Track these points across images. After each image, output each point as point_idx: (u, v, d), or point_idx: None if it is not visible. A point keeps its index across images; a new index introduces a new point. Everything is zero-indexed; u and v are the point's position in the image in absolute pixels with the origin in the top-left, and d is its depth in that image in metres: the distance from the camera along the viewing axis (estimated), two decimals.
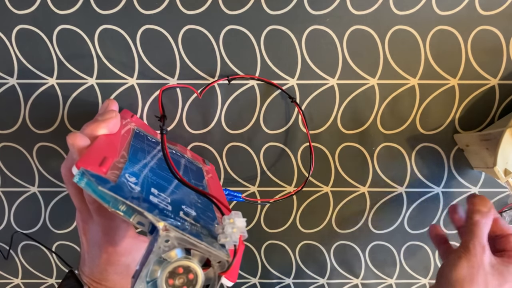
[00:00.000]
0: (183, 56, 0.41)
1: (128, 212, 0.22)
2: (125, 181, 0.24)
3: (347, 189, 0.45)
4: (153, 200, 0.24)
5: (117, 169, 0.26)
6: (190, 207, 0.27)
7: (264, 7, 0.40)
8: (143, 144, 0.34)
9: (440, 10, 0.40)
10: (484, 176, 0.44)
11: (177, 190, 0.29)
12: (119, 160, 0.27)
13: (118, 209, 0.22)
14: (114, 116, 0.31)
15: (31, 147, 0.43)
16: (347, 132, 0.43)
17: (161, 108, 0.29)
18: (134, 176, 0.26)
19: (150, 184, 0.27)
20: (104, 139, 0.29)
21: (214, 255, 0.22)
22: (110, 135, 0.30)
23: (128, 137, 0.33)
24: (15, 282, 0.48)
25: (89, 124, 0.29)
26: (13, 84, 0.41)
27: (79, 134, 0.27)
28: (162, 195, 0.26)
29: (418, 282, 0.48)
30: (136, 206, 0.22)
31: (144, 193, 0.24)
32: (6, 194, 0.45)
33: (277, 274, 0.48)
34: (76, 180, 0.22)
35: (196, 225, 0.24)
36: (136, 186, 0.25)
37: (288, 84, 0.42)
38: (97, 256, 0.30)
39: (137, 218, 0.22)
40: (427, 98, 0.42)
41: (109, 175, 0.24)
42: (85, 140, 0.27)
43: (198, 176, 0.36)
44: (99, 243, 0.30)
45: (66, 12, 0.40)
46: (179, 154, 0.38)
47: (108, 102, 0.36)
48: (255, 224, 0.46)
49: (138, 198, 0.23)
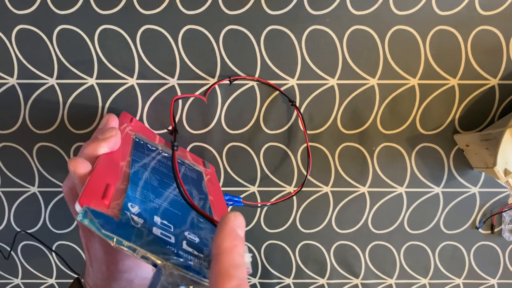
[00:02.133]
0: (183, 56, 0.41)
1: (132, 248, 0.22)
2: (128, 215, 0.24)
3: (347, 189, 0.45)
4: (155, 232, 0.24)
5: (120, 197, 0.26)
6: (193, 233, 0.27)
7: (264, 7, 0.40)
8: (143, 156, 0.34)
9: (440, 10, 0.40)
10: (484, 176, 0.44)
11: (180, 212, 0.29)
12: (121, 184, 0.27)
13: (122, 245, 0.22)
14: (114, 134, 0.30)
15: (31, 147, 0.43)
16: (347, 132, 0.43)
17: (173, 122, 0.28)
18: (137, 203, 0.26)
19: (153, 211, 0.27)
20: (105, 160, 0.29)
21: None
22: (111, 153, 0.30)
23: (129, 150, 0.33)
24: (15, 282, 0.48)
25: (90, 143, 0.29)
26: (13, 84, 0.41)
27: (80, 160, 0.27)
28: (165, 223, 0.26)
29: (418, 282, 0.48)
30: (138, 248, 0.22)
31: (147, 226, 0.24)
32: (6, 194, 0.45)
33: (277, 274, 0.48)
34: (79, 218, 0.22)
35: (200, 256, 0.24)
36: (139, 219, 0.25)
37: (288, 84, 0.42)
38: (100, 271, 0.30)
39: (141, 253, 0.22)
40: (427, 98, 0.42)
41: (112, 209, 0.24)
42: (87, 166, 0.27)
43: (200, 186, 0.36)
44: (101, 260, 0.29)
45: (66, 12, 0.40)
46: (179, 161, 0.38)
47: (107, 118, 0.35)
48: (255, 224, 0.46)
49: (141, 234, 0.23)
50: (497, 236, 0.46)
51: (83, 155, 0.29)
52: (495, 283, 0.47)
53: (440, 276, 0.47)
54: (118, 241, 0.22)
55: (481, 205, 0.45)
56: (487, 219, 0.45)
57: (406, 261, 0.47)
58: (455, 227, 0.46)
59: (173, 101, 0.31)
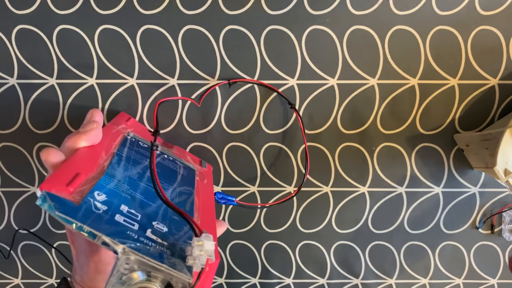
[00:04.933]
0: (183, 56, 0.41)
1: (91, 234, 0.22)
2: (91, 201, 0.24)
3: (347, 189, 0.45)
4: (118, 219, 0.24)
5: (89, 185, 0.26)
6: (163, 223, 0.27)
7: (264, 7, 0.40)
8: (131, 152, 0.34)
9: (440, 10, 0.40)
10: (484, 176, 0.44)
11: (154, 204, 0.29)
12: (95, 175, 0.27)
13: (82, 230, 0.22)
14: (95, 127, 0.31)
15: (31, 147, 0.43)
16: (347, 132, 0.43)
17: (156, 123, 0.29)
18: (105, 192, 0.26)
19: (123, 200, 0.27)
20: (84, 152, 0.29)
21: (175, 277, 0.22)
22: (92, 146, 0.30)
23: (114, 146, 0.33)
24: (15, 282, 0.48)
25: (70, 137, 0.30)
26: (13, 84, 0.41)
27: (52, 149, 0.27)
28: (132, 212, 0.26)
29: (418, 282, 0.48)
30: (93, 230, 0.22)
31: (110, 213, 0.24)
32: (6, 194, 0.45)
33: (277, 274, 0.48)
34: (38, 203, 0.22)
35: (163, 244, 0.24)
36: (103, 206, 0.25)
37: (288, 84, 0.42)
38: (86, 265, 0.30)
39: (101, 239, 0.22)
40: (427, 98, 0.42)
41: (75, 194, 0.24)
42: (58, 156, 0.28)
43: (188, 182, 0.36)
44: (85, 253, 0.30)
45: (66, 12, 0.40)
46: (171, 159, 0.38)
47: (91, 112, 0.36)
48: (255, 224, 0.46)
49: (100, 219, 0.23)
50: (497, 236, 0.46)
51: (64, 148, 0.29)
52: (495, 283, 0.47)
53: (440, 276, 0.47)
54: (78, 226, 0.22)
55: (481, 205, 0.45)
56: (487, 219, 0.45)
57: (406, 261, 0.47)
58: (455, 227, 0.46)
59: (158, 104, 0.32)
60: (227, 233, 0.46)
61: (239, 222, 0.46)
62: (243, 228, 0.46)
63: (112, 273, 0.21)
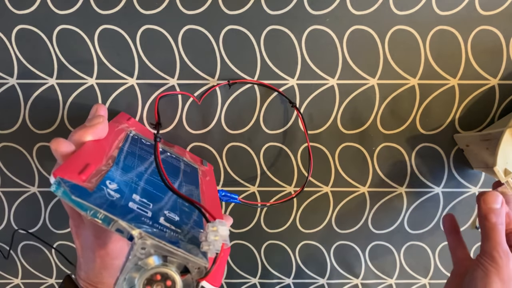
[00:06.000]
0: (183, 56, 0.41)
1: (106, 220, 0.22)
2: (104, 188, 0.24)
3: (347, 189, 0.45)
4: (132, 206, 0.24)
5: (100, 175, 0.26)
6: (174, 212, 0.27)
7: (264, 7, 0.40)
8: (135, 148, 0.34)
9: (440, 10, 0.40)
10: (484, 176, 0.44)
11: (164, 195, 0.29)
12: (104, 167, 0.27)
13: (96, 217, 0.22)
14: (101, 121, 0.31)
15: (31, 147, 0.43)
16: (347, 132, 0.43)
17: (157, 116, 0.29)
18: (117, 182, 0.26)
19: (134, 190, 0.27)
20: (91, 145, 0.29)
21: (192, 262, 0.22)
22: (98, 140, 0.30)
23: (118, 142, 0.33)
24: (15, 282, 0.48)
25: (77, 131, 0.30)
26: (13, 84, 0.41)
27: (63, 140, 0.27)
28: (144, 201, 0.26)
29: (418, 282, 0.48)
30: (109, 214, 0.22)
31: (123, 200, 0.24)
32: (6, 194, 0.45)
33: (277, 274, 0.48)
34: (53, 189, 0.22)
35: (177, 231, 0.24)
36: (116, 193, 0.25)
37: (288, 84, 0.42)
38: (91, 260, 0.30)
39: (116, 225, 0.22)
40: (427, 98, 0.42)
41: (88, 182, 0.24)
42: (69, 146, 0.28)
43: (192, 178, 0.36)
44: (91, 247, 0.30)
45: (66, 12, 0.40)
46: (174, 157, 0.38)
47: (96, 107, 0.36)
48: (255, 224, 0.46)
49: (114, 205, 0.23)
50: None
51: (71, 141, 0.29)
52: None
53: (440, 276, 0.47)
54: (93, 212, 0.22)
55: None
56: None
57: (406, 261, 0.47)
58: None
59: (158, 98, 0.32)
60: None
61: (239, 222, 0.46)
62: (243, 228, 0.46)
63: (128, 258, 0.21)
